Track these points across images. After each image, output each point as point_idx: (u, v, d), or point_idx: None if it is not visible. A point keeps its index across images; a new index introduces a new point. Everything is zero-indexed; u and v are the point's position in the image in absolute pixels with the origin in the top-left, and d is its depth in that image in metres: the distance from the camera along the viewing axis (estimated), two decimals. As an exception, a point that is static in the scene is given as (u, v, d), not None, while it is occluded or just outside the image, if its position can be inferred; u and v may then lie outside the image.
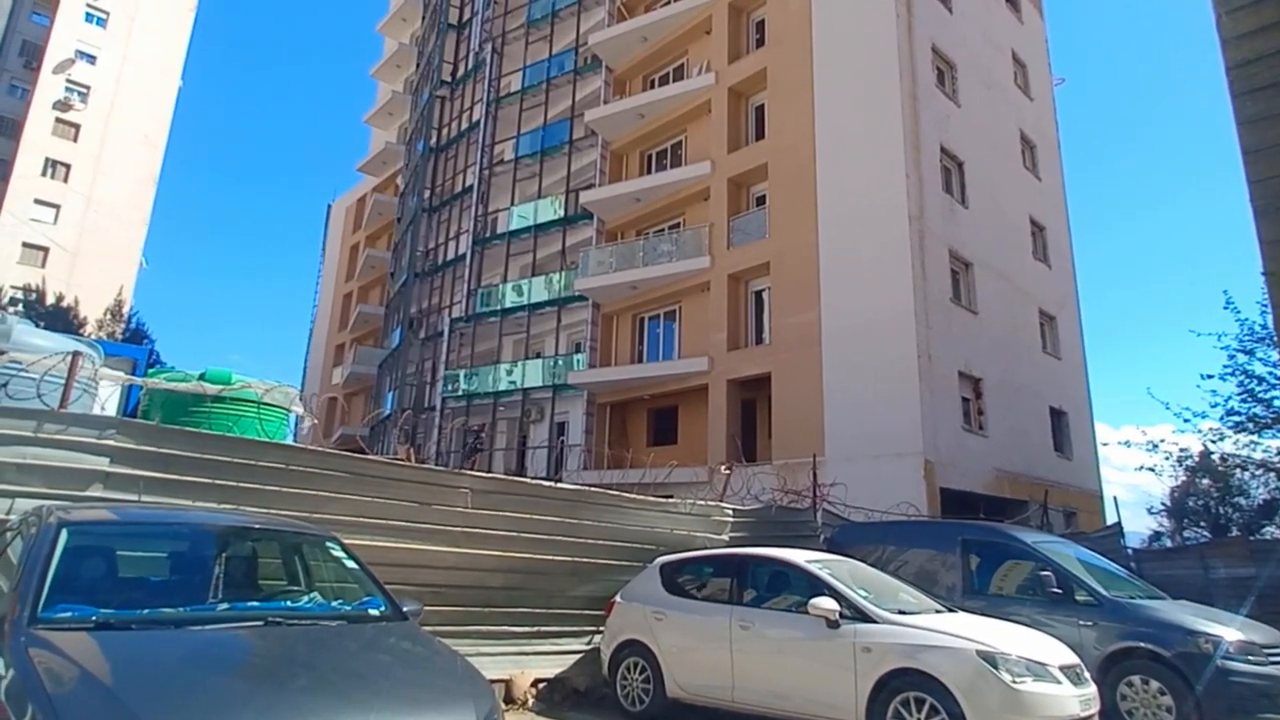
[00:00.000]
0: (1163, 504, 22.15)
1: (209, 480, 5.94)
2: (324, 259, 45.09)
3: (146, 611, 2.97)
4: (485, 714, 2.73)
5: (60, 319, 32.64)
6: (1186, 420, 18.36)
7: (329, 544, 4.00)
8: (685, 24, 23.51)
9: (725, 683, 6.17)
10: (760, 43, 22.03)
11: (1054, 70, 26.97)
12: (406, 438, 27.48)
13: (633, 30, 24.34)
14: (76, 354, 5.55)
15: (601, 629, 7.33)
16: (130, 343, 33.88)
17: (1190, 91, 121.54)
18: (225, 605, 3.25)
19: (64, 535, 3.12)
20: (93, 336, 32.96)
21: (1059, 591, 7.23)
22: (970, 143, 20.32)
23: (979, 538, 8.37)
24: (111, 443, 5.55)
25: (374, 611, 3.48)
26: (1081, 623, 6.98)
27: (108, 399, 8.06)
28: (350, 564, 3.83)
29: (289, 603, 3.47)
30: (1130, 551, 15.47)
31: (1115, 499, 17.13)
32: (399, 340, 29.26)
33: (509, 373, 24.35)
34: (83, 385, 6.90)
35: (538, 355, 24.50)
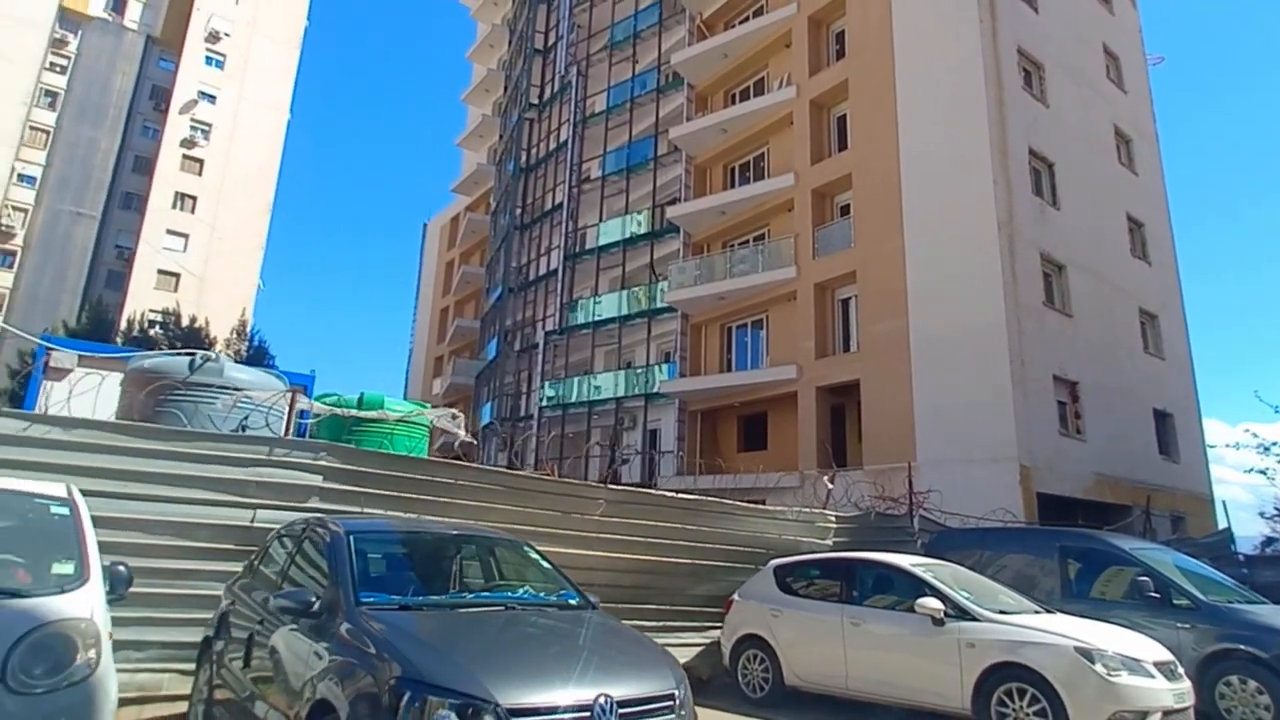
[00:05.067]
0: (1276, 508, 21.19)
1: (391, 493, 7.10)
2: (421, 275, 47.74)
3: (423, 598, 4.01)
4: (679, 679, 3.62)
5: (194, 339, 35.90)
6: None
7: (525, 548, 5.01)
8: (765, 39, 24.11)
9: (839, 672, 6.90)
10: (840, 54, 22.36)
11: (1150, 52, 26.14)
12: (504, 444, 29.08)
13: (713, 48, 25.09)
14: (294, 389, 6.81)
15: (719, 624, 8.16)
16: (252, 361, 37.00)
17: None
18: (470, 595, 4.28)
19: (352, 541, 4.19)
20: (222, 355, 36.07)
21: (1157, 596, 7.58)
22: (1061, 143, 20.12)
23: (1076, 544, 8.75)
24: (324, 463, 6.78)
25: (572, 601, 4.44)
26: (1180, 626, 7.34)
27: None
28: (544, 564, 4.82)
29: (510, 593, 4.47)
30: (1241, 557, 15.10)
31: (1224, 503, 16.68)
32: (495, 352, 30.92)
33: (601, 382, 25.49)
34: (278, 413, 8.27)
35: (629, 365, 25.54)
